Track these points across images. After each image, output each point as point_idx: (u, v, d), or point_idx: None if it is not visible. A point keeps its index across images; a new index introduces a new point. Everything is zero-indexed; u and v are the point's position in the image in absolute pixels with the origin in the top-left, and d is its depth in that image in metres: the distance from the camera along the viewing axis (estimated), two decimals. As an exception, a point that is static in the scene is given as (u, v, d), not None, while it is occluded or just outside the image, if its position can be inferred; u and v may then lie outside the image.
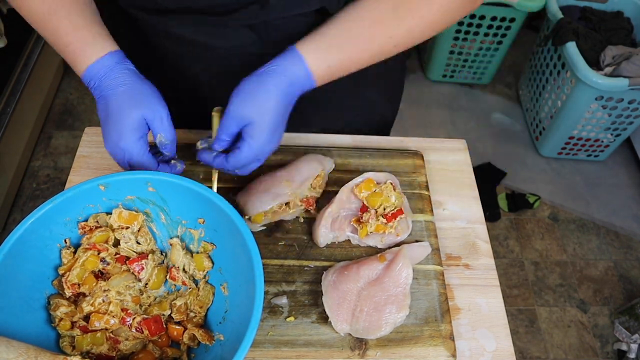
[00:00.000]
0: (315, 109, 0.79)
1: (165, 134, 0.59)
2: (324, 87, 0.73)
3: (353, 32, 0.58)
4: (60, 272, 0.57)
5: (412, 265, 0.63)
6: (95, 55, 0.58)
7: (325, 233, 0.66)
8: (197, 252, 0.61)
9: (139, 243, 0.60)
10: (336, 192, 0.68)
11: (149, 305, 0.59)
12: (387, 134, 0.93)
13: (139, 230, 0.60)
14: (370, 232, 0.66)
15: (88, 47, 0.58)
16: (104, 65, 0.58)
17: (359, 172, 0.71)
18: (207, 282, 0.60)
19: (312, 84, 0.59)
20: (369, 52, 0.59)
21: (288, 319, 0.60)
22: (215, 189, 0.63)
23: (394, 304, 0.60)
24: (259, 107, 0.56)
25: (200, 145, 0.63)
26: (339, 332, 0.59)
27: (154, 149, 0.61)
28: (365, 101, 0.84)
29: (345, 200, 0.68)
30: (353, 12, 0.58)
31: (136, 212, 0.60)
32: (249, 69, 0.68)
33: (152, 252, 0.60)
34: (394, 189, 0.68)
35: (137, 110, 0.57)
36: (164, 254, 0.62)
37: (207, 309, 0.59)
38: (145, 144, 0.58)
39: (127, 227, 0.59)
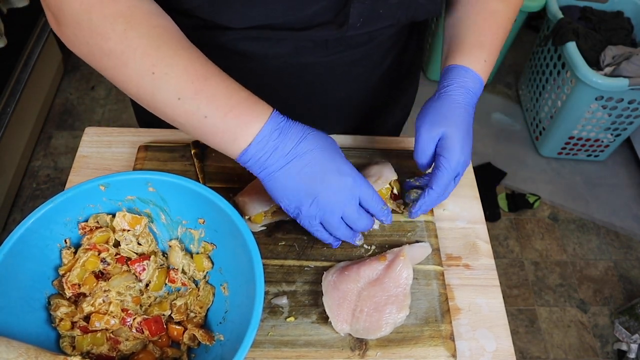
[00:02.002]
0: (332, 112, 0.79)
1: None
2: (342, 92, 0.75)
3: (482, 25, 0.64)
4: (61, 272, 0.57)
5: (413, 265, 0.63)
6: (268, 112, 0.52)
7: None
8: (197, 253, 0.61)
9: (140, 244, 0.60)
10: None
11: (149, 306, 0.59)
12: (398, 134, 0.95)
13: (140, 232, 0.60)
14: None
15: (258, 108, 0.52)
16: (280, 121, 0.53)
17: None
18: (207, 282, 0.60)
19: (482, 86, 0.62)
20: (503, 31, 0.65)
21: (288, 319, 0.60)
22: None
23: (394, 304, 0.60)
24: (449, 119, 0.59)
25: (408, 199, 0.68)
26: (339, 332, 0.59)
27: None
28: (381, 104, 0.85)
29: None
30: (468, 17, 0.65)
31: (138, 214, 0.60)
32: (299, 79, 0.70)
33: (154, 253, 0.60)
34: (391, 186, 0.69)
35: (339, 149, 0.56)
36: (165, 255, 0.62)
37: (207, 309, 0.59)
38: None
39: (129, 230, 0.59)
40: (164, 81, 0.50)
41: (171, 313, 0.58)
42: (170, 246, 0.61)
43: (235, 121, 0.51)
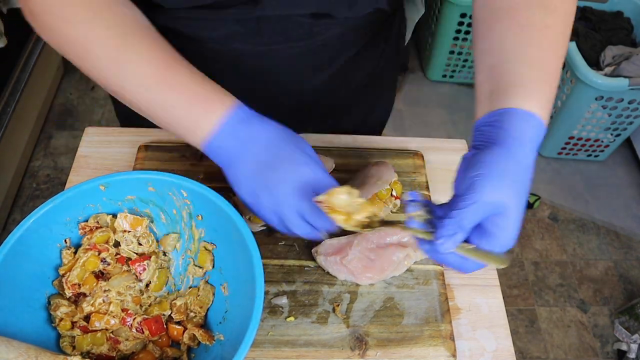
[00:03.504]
0: (313, 113, 0.79)
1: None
2: (326, 93, 0.73)
3: (536, 50, 0.50)
4: (61, 272, 0.57)
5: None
6: (231, 102, 0.52)
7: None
8: (197, 254, 0.61)
9: (140, 244, 0.60)
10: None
11: (149, 306, 0.59)
12: (379, 133, 0.94)
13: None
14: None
15: (221, 98, 0.52)
16: (244, 112, 0.51)
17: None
18: (207, 282, 0.60)
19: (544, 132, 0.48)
20: (562, 55, 0.51)
21: (288, 319, 0.60)
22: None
23: (397, 247, 0.59)
24: (515, 188, 0.44)
25: (409, 216, 0.48)
26: (338, 276, 0.58)
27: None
28: (363, 103, 0.84)
29: None
30: (514, 38, 0.50)
31: (138, 214, 0.60)
32: (237, 67, 0.68)
33: (154, 253, 0.60)
34: (391, 190, 0.69)
35: (302, 142, 0.53)
36: (165, 255, 0.62)
37: (207, 309, 0.59)
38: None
39: (130, 231, 0.59)
40: (129, 70, 0.51)
41: (171, 313, 0.58)
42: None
43: (198, 110, 0.51)
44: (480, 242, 0.45)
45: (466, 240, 0.45)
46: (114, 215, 0.60)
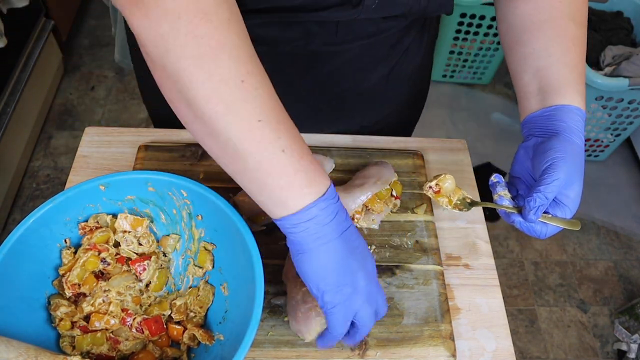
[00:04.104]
0: (341, 105, 0.80)
1: None
2: (350, 83, 0.75)
3: (571, 56, 0.59)
4: (61, 272, 0.57)
5: None
6: (327, 181, 0.46)
7: None
8: (197, 254, 0.61)
9: (140, 244, 0.60)
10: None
11: (149, 306, 0.59)
12: (412, 131, 0.96)
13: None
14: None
15: (322, 173, 0.46)
16: (332, 191, 0.46)
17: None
18: (207, 282, 0.60)
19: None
20: (584, 66, 0.61)
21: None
22: None
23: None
24: (578, 167, 0.55)
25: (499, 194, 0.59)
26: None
27: None
28: (403, 104, 0.85)
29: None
30: (553, 47, 0.59)
31: (138, 214, 0.60)
32: (309, 68, 0.70)
33: (154, 253, 0.60)
34: (391, 190, 0.69)
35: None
36: (165, 255, 0.62)
37: (207, 309, 0.59)
38: None
39: (130, 232, 0.59)
40: (251, 96, 0.43)
41: (171, 313, 0.58)
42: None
43: (307, 170, 0.44)
44: (555, 211, 0.55)
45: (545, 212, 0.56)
46: (114, 215, 0.60)
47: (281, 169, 0.44)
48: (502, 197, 0.58)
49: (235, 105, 0.42)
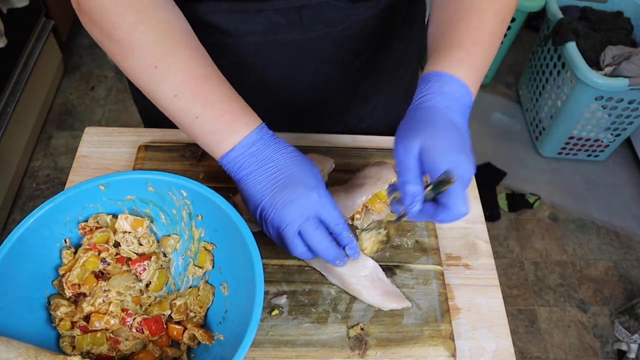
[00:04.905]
0: (316, 96, 0.79)
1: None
2: (324, 74, 0.74)
3: (460, 24, 0.56)
4: (61, 272, 0.57)
5: None
6: (255, 122, 0.55)
7: None
8: (197, 254, 0.61)
9: (141, 244, 0.60)
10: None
11: (149, 306, 0.59)
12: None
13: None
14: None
15: (248, 117, 0.55)
16: (266, 133, 0.55)
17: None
18: (207, 282, 0.60)
19: (465, 88, 0.54)
20: (489, 27, 0.57)
21: (288, 319, 0.60)
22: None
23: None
24: (426, 129, 0.50)
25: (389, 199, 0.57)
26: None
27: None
28: (388, 101, 0.85)
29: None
30: (446, 19, 0.57)
31: (139, 214, 0.60)
32: (274, 58, 0.69)
33: (155, 253, 0.60)
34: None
35: (314, 168, 0.55)
36: (165, 256, 0.62)
37: (207, 309, 0.59)
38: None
39: (130, 232, 0.59)
40: (164, 77, 0.53)
41: (171, 313, 0.58)
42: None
43: (224, 126, 0.54)
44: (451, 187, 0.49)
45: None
46: (114, 216, 0.60)
47: (200, 129, 0.55)
48: (394, 202, 0.55)
49: (153, 86, 0.54)
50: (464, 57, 0.54)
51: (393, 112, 0.89)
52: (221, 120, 0.54)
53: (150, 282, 0.59)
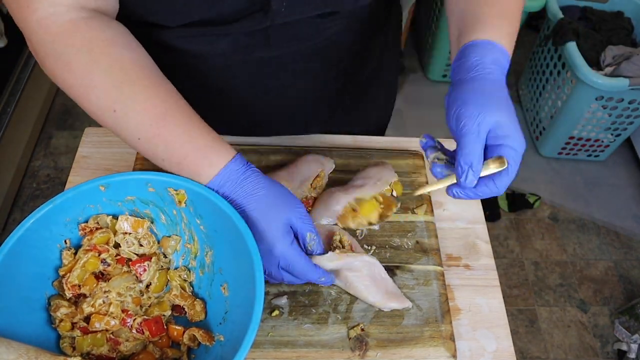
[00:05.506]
0: (320, 113, 0.79)
1: (313, 231, 0.55)
2: (300, 90, 0.74)
3: (495, 2, 0.55)
4: (61, 273, 0.57)
5: None
6: (223, 161, 0.54)
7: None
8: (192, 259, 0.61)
9: (141, 245, 0.60)
10: (336, 193, 0.68)
11: (150, 306, 0.59)
12: (382, 134, 0.94)
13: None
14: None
15: (212, 155, 0.53)
16: (234, 171, 0.54)
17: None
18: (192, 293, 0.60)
19: (509, 63, 0.54)
20: (516, 6, 0.57)
21: (288, 320, 0.60)
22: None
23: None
24: (493, 102, 0.50)
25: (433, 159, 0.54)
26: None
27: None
28: (366, 103, 0.84)
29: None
30: None
31: (139, 215, 0.60)
32: (249, 76, 0.68)
33: (155, 254, 0.60)
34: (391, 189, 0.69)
35: (284, 214, 0.53)
36: (166, 257, 0.62)
37: (206, 310, 0.59)
38: (298, 247, 0.55)
39: (131, 233, 0.59)
40: (124, 121, 0.52)
41: (171, 313, 0.58)
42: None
43: (188, 170, 0.54)
44: (499, 152, 0.49)
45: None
46: (114, 216, 0.60)
47: (167, 170, 0.55)
48: (436, 163, 0.54)
49: (116, 128, 0.53)
50: (509, 30, 0.54)
51: (378, 115, 0.88)
52: (184, 165, 0.53)
53: (150, 283, 0.59)
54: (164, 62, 0.57)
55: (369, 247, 0.67)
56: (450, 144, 0.81)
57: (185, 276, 0.60)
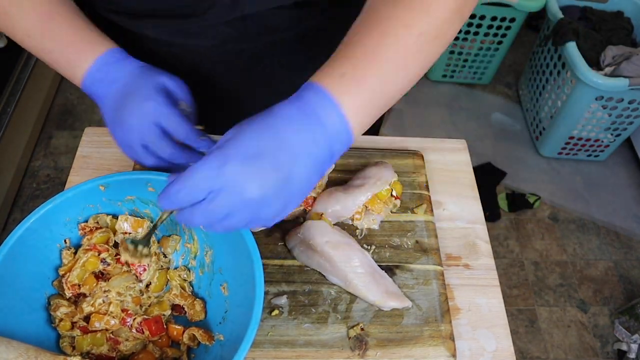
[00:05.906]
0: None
1: (187, 101, 0.56)
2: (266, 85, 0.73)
3: (361, 35, 0.48)
4: (61, 272, 0.57)
5: None
6: (104, 48, 0.56)
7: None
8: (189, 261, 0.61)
9: (140, 244, 0.60)
10: (336, 192, 0.68)
11: (149, 306, 0.59)
12: (376, 133, 0.93)
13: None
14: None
15: (94, 44, 0.56)
16: (114, 56, 0.55)
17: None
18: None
19: (331, 102, 0.45)
20: (396, 39, 0.46)
21: (288, 319, 0.60)
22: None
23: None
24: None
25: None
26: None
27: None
28: None
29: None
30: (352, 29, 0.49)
31: (139, 215, 0.60)
32: (228, 68, 0.68)
33: (155, 254, 0.60)
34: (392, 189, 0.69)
35: (157, 77, 0.54)
36: (166, 256, 0.62)
37: (206, 310, 0.59)
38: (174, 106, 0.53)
39: (131, 233, 0.59)
40: (15, 20, 0.57)
41: (172, 312, 0.58)
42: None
43: (73, 56, 0.56)
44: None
45: None
46: (114, 216, 0.60)
47: (56, 62, 0.57)
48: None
49: (10, 30, 0.59)
50: (347, 70, 0.44)
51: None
52: (69, 51, 0.55)
53: (150, 283, 0.59)
54: (149, 53, 0.59)
55: (369, 247, 0.67)
56: (450, 144, 0.81)
57: (185, 276, 0.60)
